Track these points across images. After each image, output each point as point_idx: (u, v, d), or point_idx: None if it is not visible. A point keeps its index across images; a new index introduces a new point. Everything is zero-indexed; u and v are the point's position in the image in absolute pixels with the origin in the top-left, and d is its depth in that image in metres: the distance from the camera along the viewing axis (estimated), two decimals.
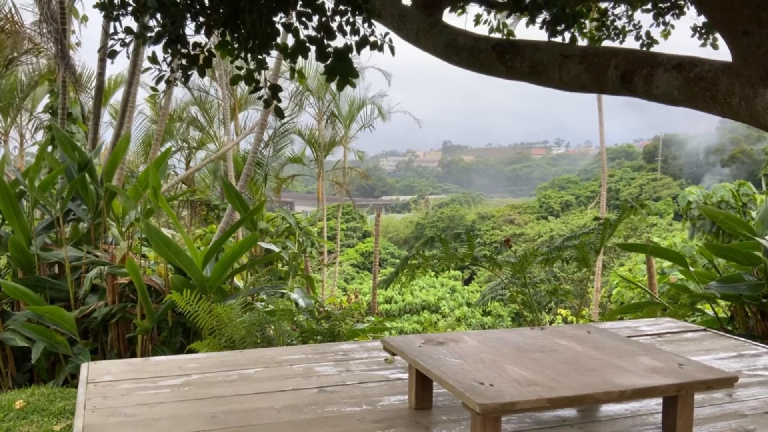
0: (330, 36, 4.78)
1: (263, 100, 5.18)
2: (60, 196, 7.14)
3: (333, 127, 27.77)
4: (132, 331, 6.72)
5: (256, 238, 6.71)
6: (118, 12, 4.87)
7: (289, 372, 3.63)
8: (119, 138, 8.48)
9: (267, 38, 4.86)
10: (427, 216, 51.38)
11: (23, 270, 6.93)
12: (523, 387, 2.66)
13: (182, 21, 4.84)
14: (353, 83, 4.93)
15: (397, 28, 6.30)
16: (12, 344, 6.34)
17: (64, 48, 9.59)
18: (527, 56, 5.29)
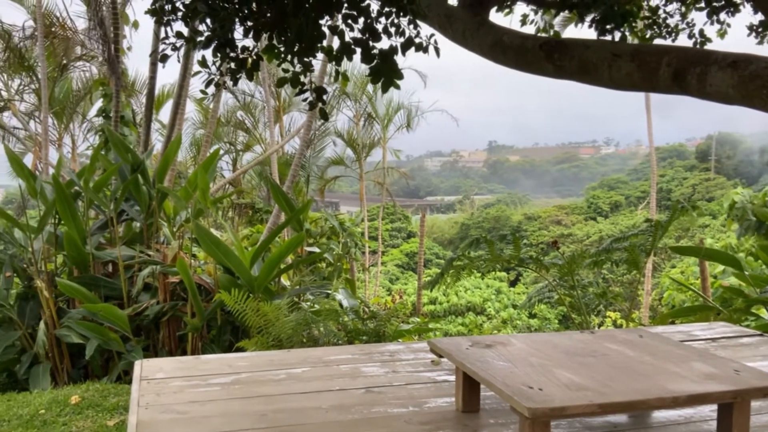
0: (375, 38, 4.79)
1: (308, 102, 5.24)
2: (114, 196, 7.34)
3: (372, 129, 27.96)
4: (182, 329, 6.87)
5: (302, 239, 6.78)
6: (168, 17, 4.98)
7: (336, 372, 3.65)
8: (170, 140, 8.67)
9: (313, 41, 4.90)
10: (472, 216, 51.04)
11: (78, 268, 7.15)
12: (573, 392, 2.62)
13: (231, 25, 4.93)
14: (398, 85, 4.93)
15: (443, 29, 6.28)
16: (68, 341, 6.55)
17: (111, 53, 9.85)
18: (576, 55, 5.20)
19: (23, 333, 6.67)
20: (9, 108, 18.11)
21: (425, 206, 63.29)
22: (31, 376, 6.38)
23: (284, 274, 7.46)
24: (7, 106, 18.02)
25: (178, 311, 6.87)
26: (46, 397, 5.25)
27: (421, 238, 17.16)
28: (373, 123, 27.68)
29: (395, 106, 27.38)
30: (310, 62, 5.13)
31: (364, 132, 27.75)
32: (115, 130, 9.19)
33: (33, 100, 18.60)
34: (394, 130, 28.27)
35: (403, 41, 4.79)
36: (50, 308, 6.68)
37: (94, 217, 7.78)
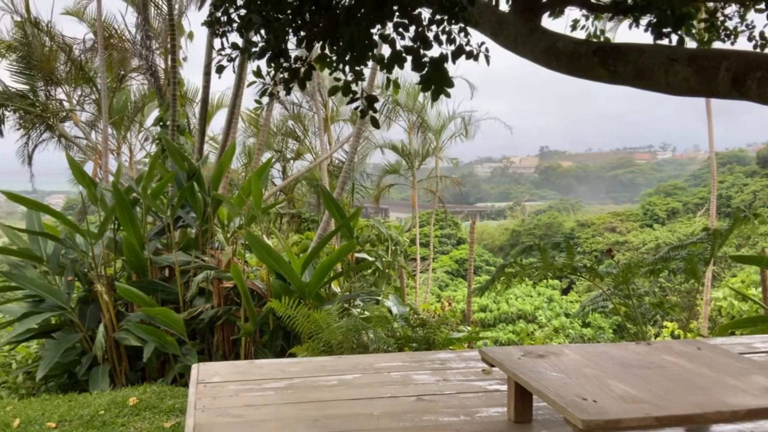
0: (426, 46, 4.80)
1: (359, 110, 5.28)
2: (170, 203, 7.54)
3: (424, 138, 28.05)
4: (236, 334, 7.00)
5: (353, 246, 6.83)
6: (224, 29, 5.11)
7: (387, 379, 3.67)
8: (225, 148, 8.87)
9: (364, 50, 4.95)
10: (523, 223, 50.41)
11: (137, 273, 7.37)
12: (629, 404, 2.57)
13: (285, 36, 5.02)
14: (448, 93, 4.93)
15: (494, 35, 6.24)
16: (126, 343, 6.74)
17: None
18: (631, 60, 5.10)
19: (84, 335, 6.89)
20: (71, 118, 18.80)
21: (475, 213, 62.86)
22: (90, 377, 6.58)
23: (335, 281, 7.53)
24: (69, 116, 18.71)
25: (232, 316, 7.00)
26: (106, 399, 5.41)
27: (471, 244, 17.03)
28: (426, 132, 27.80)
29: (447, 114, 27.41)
30: (361, 71, 5.18)
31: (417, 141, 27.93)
32: (171, 138, 9.45)
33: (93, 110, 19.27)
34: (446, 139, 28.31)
35: (454, 49, 4.79)
36: (110, 312, 6.88)
37: (152, 223, 7.99)
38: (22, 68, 17.14)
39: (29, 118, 17.91)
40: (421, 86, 4.94)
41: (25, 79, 17.37)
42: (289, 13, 4.93)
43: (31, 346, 7.78)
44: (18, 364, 7.52)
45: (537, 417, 3.21)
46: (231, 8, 5.03)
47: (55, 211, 7.78)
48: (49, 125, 18.07)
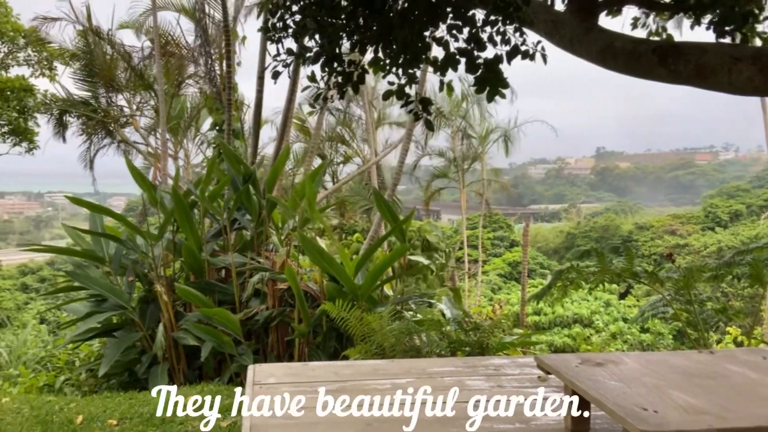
0: (480, 47, 4.77)
1: (413, 113, 5.28)
2: (227, 206, 7.68)
3: (470, 142, 27.97)
4: (290, 335, 7.07)
5: (405, 250, 6.82)
6: (279, 34, 5.18)
7: (440, 384, 3.64)
8: (279, 152, 9.00)
9: (418, 52, 4.95)
10: (578, 226, 49.45)
11: (194, 274, 7.53)
12: (690, 415, 2.48)
13: (338, 40, 5.06)
14: (503, 94, 4.89)
15: (549, 35, 6.14)
16: (184, 343, 6.89)
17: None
18: (692, 59, 4.94)
19: (144, 335, 7.07)
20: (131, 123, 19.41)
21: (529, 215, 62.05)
22: (150, 375, 6.75)
23: (387, 284, 7.53)
24: (129, 121, 19.32)
25: (286, 317, 7.08)
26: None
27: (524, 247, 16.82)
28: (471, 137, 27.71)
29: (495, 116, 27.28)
30: (415, 73, 5.18)
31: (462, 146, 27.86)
32: (227, 142, 9.64)
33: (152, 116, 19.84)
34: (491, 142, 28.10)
35: (509, 49, 4.74)
36: (169, 312, 7.05)
37: (209, 226, 8.16)
38: (85, 76, 17.80)
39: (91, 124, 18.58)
40: (475, 88, 4.91)
41: (88, 86, 18.02)
42: (343, 17, 4.97)
43: (94, 344, 8.04)
44: (81, 362, 7.79)
45: (594, 426, 3.14)
46: (286, 14, 5.10)
47: (116, 213, 8.01)
48: (109, 131, 18.71)
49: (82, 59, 17.58)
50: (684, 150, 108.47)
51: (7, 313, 29.59)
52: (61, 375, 7.39)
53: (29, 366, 8.10)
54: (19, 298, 36.76)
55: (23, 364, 8.16)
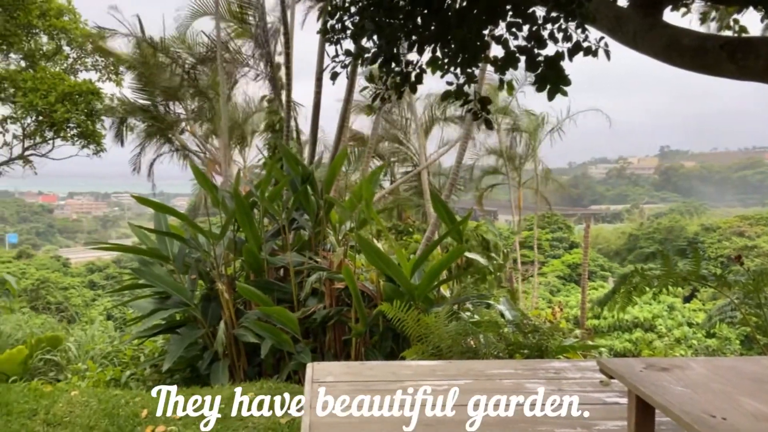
0: (541, 45, 4.69)
1: (472, 112, 5.23)
2: (285, 206, 7.80)
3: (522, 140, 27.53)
4: (347, 334, 7.12)
5: (462, 250, 6.77)
6: (338, 36, 5.22)
7: (499, 387, 3.59)
8: (336, 153, 9.07)
9: (476, 51, 4.90)
10: (641, 227, 48.05)
11: (254, 273, 7.67)
12: (762, 423, 2.37)
13: (396, 40, 5.06)
14: (564, 91, 4.79)
15: (611, 32, 6.00)
16: (244, 340, 7.02)
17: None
18: (763, 54, 4.74)
19: (206, 332, 7.24)
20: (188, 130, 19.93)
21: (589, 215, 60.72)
22: (211, 371, 6.91)
23: (444, 284, 7.50)
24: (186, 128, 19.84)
25: (343, 316, 7.13)
26: (226, 393, 5.66)
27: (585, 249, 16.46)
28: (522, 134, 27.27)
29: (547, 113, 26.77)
30: (473, 72, 5.13)
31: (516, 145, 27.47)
32: (285, 143, 9.79)
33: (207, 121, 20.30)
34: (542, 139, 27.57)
35: (571, 46, 4.64)
36: (229, 309, 7.20)
37: (268, 226, 8.30)
38: (142, 85, 18.37)
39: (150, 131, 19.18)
40: (535, 86, 4.83)
41: (146, 94, 18.58)
42: (401, 17, 4.97)
43: (158, 340, 8.29)
44: (146, 358, 8.02)
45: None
46: (345, 16, 5.14)
47: (180, 213, 8.23)
48: (168, 138, 19.27)
49: (138, 69, 18.15)
50: (753, 149, 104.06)
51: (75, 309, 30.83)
52: (127, 370, 7.63)
53: (96, 361, 8.39)
54: (87, 294, 38.23)
55: (91, 359, 8.46)
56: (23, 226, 75.56)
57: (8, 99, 14.91)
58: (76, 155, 16.13)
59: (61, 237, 76.77)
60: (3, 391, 5.92)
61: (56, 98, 14.44)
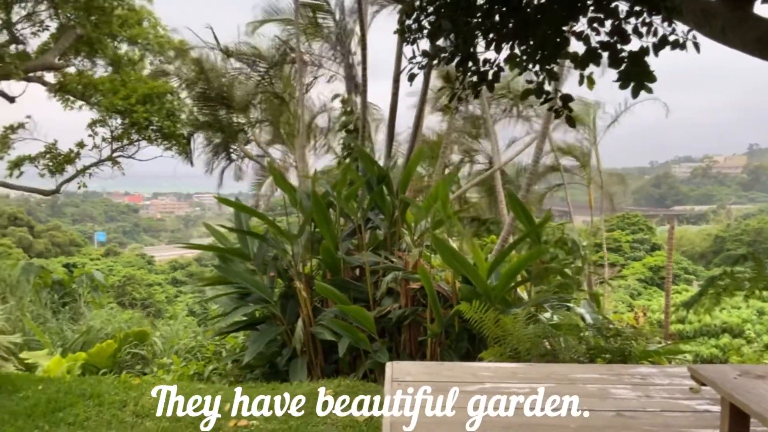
0: (624, 40, 4.56)
1: (553, 110, 5.12)
2: (361, 206, 7.87)
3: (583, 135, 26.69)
4: (422, 334, 7.12)
5: (542, 252, 6.65)
6: (415, 35, 5.22)
7: (583, 391, 3.50)
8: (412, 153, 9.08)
9: (556, 48, 4.80)
10: (728, 228, 45.85)
11: (331, 272, 7.77)
12: None
13: (474, 39, 5.02)
14: (649, 88, 4.63)
15: (698, 26, 5.73)
16: (321, 338, 7.13)
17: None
18: None
19: (284, 329, 7.39)
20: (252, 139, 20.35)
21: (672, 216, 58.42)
22: (290, 368, 7.05)
23: (521, 286, 7.38)
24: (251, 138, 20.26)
25: (418, 316, 7.13)
26: (305, 389, 5.77)
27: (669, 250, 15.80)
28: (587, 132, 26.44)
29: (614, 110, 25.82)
30: (553, 69, 5.03)
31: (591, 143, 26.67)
32: (361, 144, 9.87)
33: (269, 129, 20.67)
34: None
35: (656, 41, 4.49)
36: (307, 307, 7.32)
37: (344, 225, 8.39)
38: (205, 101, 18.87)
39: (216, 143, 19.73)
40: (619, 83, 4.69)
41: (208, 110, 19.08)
42: (478, 15, 4.92)
43: (238, 336, 8.52)
44: (227, 353, 8.27)
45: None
46: (421, 16, 5.14)
47: (260, 213, 8.45)
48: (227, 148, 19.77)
49: (204, 81, 18.63)
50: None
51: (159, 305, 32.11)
52: (210, 365, 7.88)
53: (180, 355, 8.71)
54: (170, 291, 39.78)
55: (175, 353, 8.79)
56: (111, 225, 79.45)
57: (94, 103, 15.69)
58: (160, 156, 16.81)
59: (146, 236, 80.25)
60: (94, 382, 6.23)
61: (136, 99, 15.10)
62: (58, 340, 10.57)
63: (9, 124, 16.19)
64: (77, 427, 4.92)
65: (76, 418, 5.09)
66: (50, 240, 49.70)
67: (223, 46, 18.08)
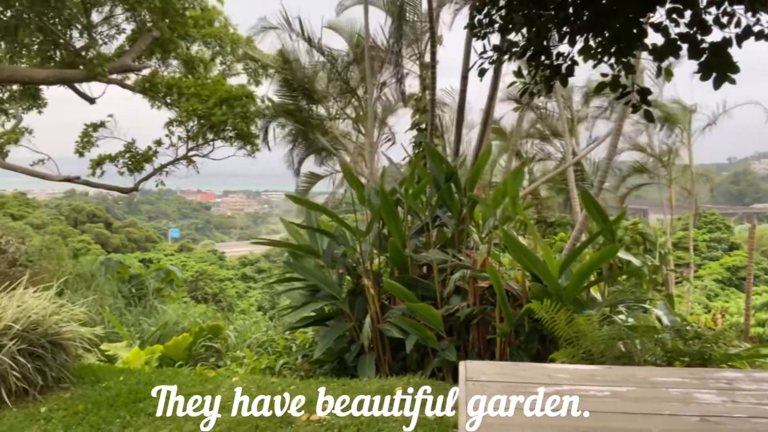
0: (705, 31, 4.38)
1: (630, 105, 4.97)
2: (429, 203, 7.85)
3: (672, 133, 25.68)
4: (491, 333, 7.04)
5: (616, 250, 6.46)
6: (485, 30, 5.16)
7: (665, 395, 3.37)
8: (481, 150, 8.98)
9: (633, 40, 4.66)
10: None
11: (398, 269, 7.78)
12: None
13: (547, 33, 4.92)
14: (732, 79, 4.43)
15: None
16: (389, 335, 7.15)
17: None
18: None
19: (353, 325, 7.45)
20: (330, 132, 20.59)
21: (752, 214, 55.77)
22: (358, 364, 7.10)
23: (595, 286, 7.19)
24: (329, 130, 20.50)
25: (487, 315, 7.05)
26: (374, 386, 5.80)
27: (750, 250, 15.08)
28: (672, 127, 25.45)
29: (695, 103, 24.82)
30: (629, 62, 4.88)
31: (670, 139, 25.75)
32: (430, 141, 9.84)
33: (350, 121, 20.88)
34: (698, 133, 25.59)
35: (740, 31, 4.30)
36: (375, 304, 7.36)
37: (411, 223, 8.38)
38: (286, 90, 19.26)
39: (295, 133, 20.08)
40: (699, 75, 4.51)
41: (290, 99, 19.45)
42: (551, 8, 4.83)
43: (308, 331, 8.65)
44: (297, 348, 8.41)
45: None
46: (492, 10, 5.07)
47: (329, 210, 8.53)
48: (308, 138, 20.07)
49: (283, 75, 19.04)
50: None
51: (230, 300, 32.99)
52: (280, 359, 8.03)
53: (252, 349, 8.92)
54: (240, 286, 40.81)
55: (247, 347, 9.00)
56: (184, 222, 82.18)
57: (174, 104, 16.23)
58: (233, 155, 17.26)
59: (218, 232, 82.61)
60: (172, 374, 6.45)
61: (215, 103, 15.54)
62: (136, 332, 11.01)
63: (91, 122, 16.94)
64: (156, 418, 5.09)
65: (155, 408, 5.28)
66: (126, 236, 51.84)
67: (306, 35, 18.45)
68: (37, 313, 5.93)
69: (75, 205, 54.93)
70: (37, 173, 16.28)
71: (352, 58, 18.73)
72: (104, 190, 19.39)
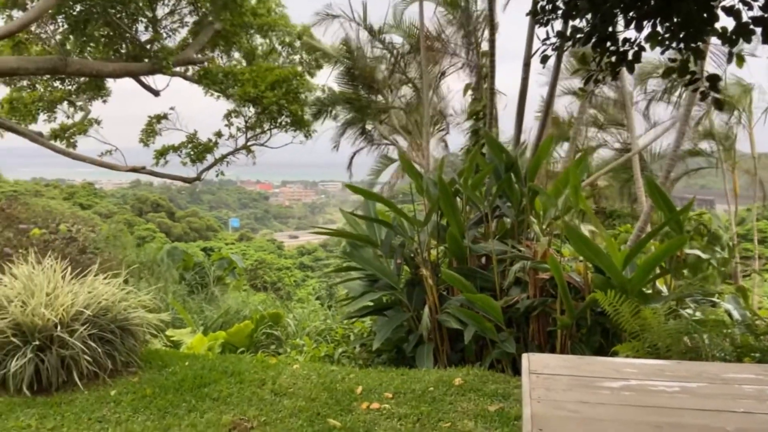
0: None
1: (699, 92, 4.80)
2: (488, 194, 7.76)
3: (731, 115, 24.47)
4: (551, 325, 6.93)
5: (684, 242, 6.26)
6: (548, 17, 5.05)
7: (739, 392, 3.26)
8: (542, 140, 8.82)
9: (702, 24, 4.49)
10: None
11: (457, 260, 7.74)
12: None
13: (613, 18, 4.79)
14: None
15: None
16: (447, 325, 7.13)
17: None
18: None
19: (411, 315, 7.46)
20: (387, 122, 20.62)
21: None
22: (416, 354, 7.11)
23: (661, 279, 6.99)
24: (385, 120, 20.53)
25: (547, 307, 6.94)
26: (433, 376, 5.81)
27: None
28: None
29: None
30: (699, 47, 4.70)
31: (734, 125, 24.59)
32: (489, 130, 9.73)
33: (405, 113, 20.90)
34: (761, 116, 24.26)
35: None
36: (433, 295, 7.35)
37: (470, 213, 8.31)
38: (347, 80, 19.39)
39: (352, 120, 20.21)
40: None
41: (351, 88, 19.57)
42: None
43: (366, 321, 8.72)
44: (355, 337, 8.48)
45: None
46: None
47: (388, 200, 8.55)
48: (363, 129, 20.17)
49: (345, 64, 19.18)
50: None
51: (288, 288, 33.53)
52: (339, 347, 8.12)
53: (311, 337, 9.04)
54: (298, 275, 41.43)
55: (307, 335, 9.14)
56: (243, 211, 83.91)
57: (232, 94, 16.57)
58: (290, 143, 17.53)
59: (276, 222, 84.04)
60: (235, 360, 6.60)
61: (266, 86, 15.78)
62: (199, 319, 11.32)
63: (155, 114, 17.46)
64: (221, 403, 5.23)
65: (219, 393, 5.42)
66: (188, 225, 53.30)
67: (369, 24, 18.58)
68: (107, 299, 6.14)
69: (140, 195, 56.84)
70: (105, 164, 16.86)
71: (408, 50, 18.73)
72: (168, 180, 19.98)
